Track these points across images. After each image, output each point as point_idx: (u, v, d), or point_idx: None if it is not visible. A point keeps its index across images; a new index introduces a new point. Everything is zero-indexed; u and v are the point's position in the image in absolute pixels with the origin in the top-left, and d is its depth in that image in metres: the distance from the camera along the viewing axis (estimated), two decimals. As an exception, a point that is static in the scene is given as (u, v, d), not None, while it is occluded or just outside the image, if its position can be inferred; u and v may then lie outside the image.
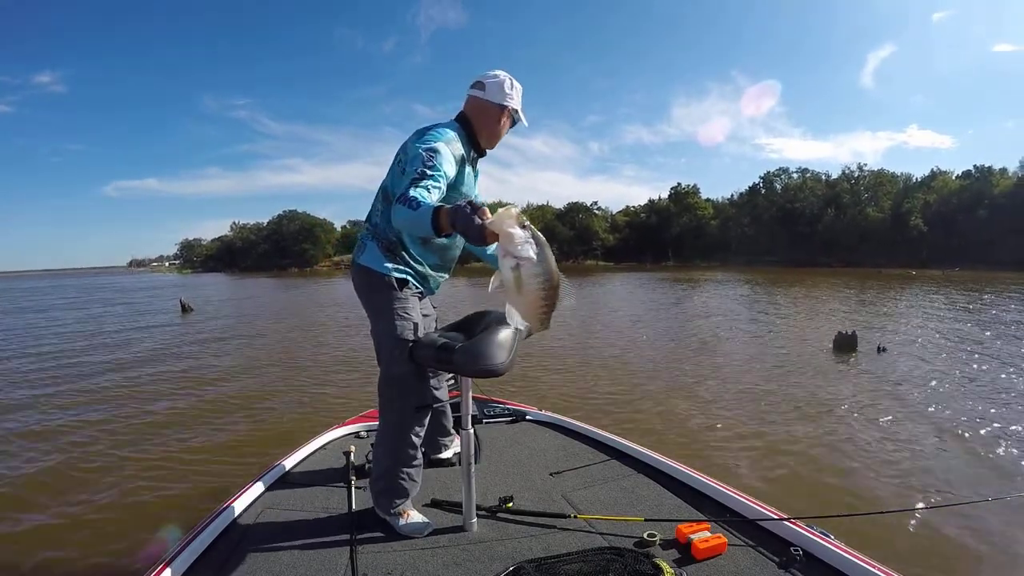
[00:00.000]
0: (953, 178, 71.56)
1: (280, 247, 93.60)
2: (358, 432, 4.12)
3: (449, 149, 2.54)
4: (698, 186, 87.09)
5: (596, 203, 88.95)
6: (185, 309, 24.26)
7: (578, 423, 4.09)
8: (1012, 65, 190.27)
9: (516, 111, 2.83)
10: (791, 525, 2.44)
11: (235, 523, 2.76)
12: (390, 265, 2.73)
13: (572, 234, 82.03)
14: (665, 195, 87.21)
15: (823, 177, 79.29)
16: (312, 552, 2.49)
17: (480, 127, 2.79)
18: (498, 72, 2.79)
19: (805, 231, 70.05)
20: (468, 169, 2.77)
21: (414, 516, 2.70)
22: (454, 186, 2.62)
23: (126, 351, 13.93)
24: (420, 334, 2.72)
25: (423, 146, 2.48)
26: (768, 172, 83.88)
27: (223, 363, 11.91)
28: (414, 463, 2.77)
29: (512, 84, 2.79)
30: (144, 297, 36.46)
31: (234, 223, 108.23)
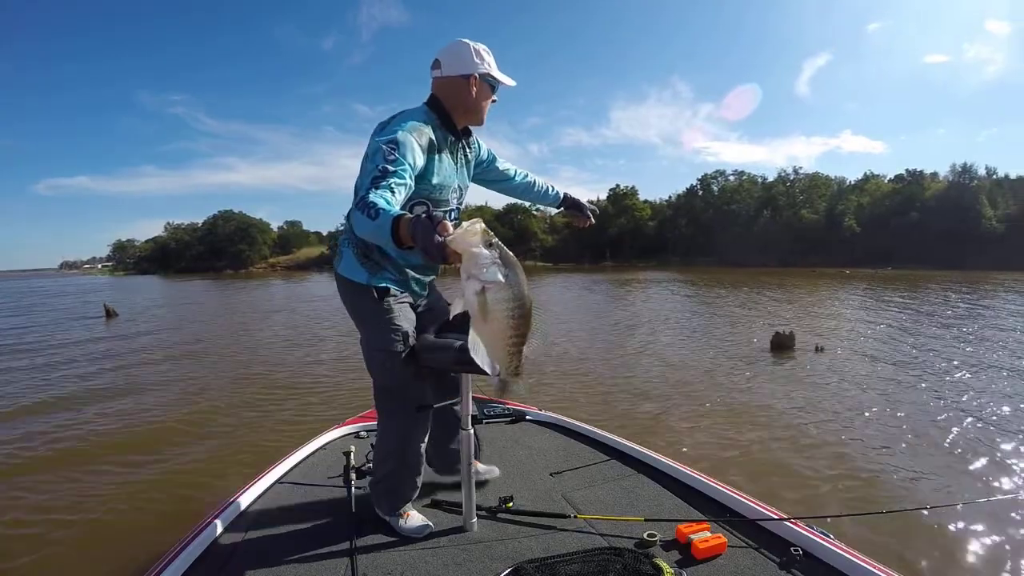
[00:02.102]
0: (886, 182, 75.16)
1: (215, 248, 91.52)
2: (358, 432, 4.11)
3: (413, 137, 2.31)
4: (636, 188, 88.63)
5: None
6: (110, 314, 22.97)
7: (578, 423, 4.09)
8: (943, 75, 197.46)
9: (487, 74, 2.53)
10: (791, 525, 2.45)
11: (235, 523, 2.75)
12: (367, 273, 2.57)
13: (511, 235, 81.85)
14: (604, 196, 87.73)
15: (759, 180, 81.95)
16: (312, 552, 2.48)
17: (451, 106, 2.55)
18: (453, 41, 2.53)
19: (741, 232, 71.25)
20: (444, 156, 2.54)
21: (414, 517, 2.68)
22: (424, 176, 2.42)
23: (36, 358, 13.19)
24: (411, 341, 2.59)
25: (383, 139, 2.26)
26: (705, 174, 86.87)
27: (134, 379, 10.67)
28: (416, 466, 2.74)
29: (472, 48, 2.50)
30: (72, 303, 33.29)
31: (168, 223, 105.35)
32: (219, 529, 2.64)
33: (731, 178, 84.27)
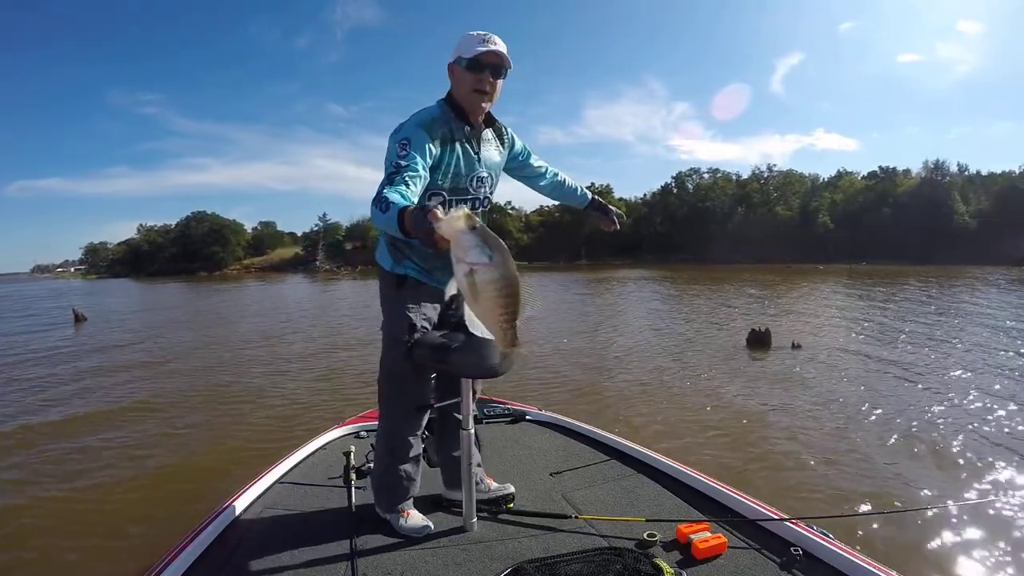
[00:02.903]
0: (859, 179, 76.57)
1: (189, 250, 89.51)
2: (358, 432, 4.12)
3: (425, 132, 2.40)
4: (611, 186, 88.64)
5: (510, 203, 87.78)
6: (78, 319, 22.42)
7: (578, 423, 4.09)
8: (915, 74, 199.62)
9: (460, 58, 2.51)
10: (791, 525, 2.45)
11: (235, 523, 2.76)
12: (392, 260, 2.68)
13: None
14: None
15: (734, 177, 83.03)
16: (312, 552, 2.48)
17: (461, 98, 2.58)
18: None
19: (716, 229, 71.89)
20: (458, 147, 2.56)
21: (414, 516, 2.68)
22: (438, 167, 2.49)
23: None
24: (418, 335, 2.64)
25: (396, 139, 2.38)
26: (680, 172, 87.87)
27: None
28: (413, 463, 2.75)
29: (469, 35, 2.52)
30: (45, 307, 31.89)
31: (141, 225, 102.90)
32: (219, 529, 2.64)
33: (706, 176, 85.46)
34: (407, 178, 2.20)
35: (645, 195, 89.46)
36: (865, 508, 4.81)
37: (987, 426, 6.76)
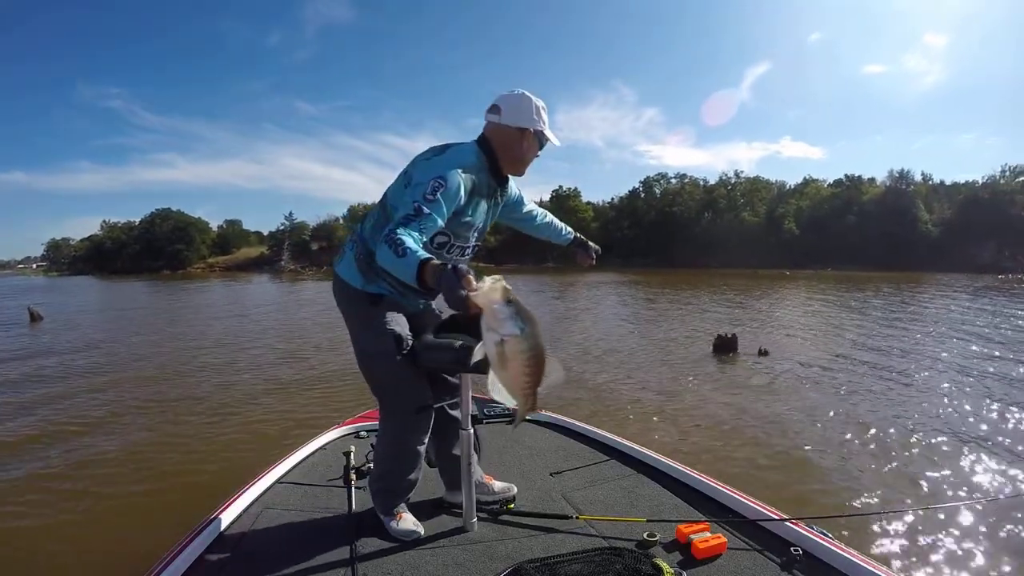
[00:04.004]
0: (825, 186, 77.32)
1: (153, 248, 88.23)
2: (358, 432, 4.10)
3: (461, 178, 2.36)
4: (579, 189, 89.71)
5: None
6: (34, 318, 21.33)
7: (578, 423, 4.09)
8: (881, 85, 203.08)
9: (541, 132, 2.57)
10: (791, 525, 2.45)
11: (235, 523, 2.75)
12: (362, 279, 2.61)
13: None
14: (547, 197, 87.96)
15: (701, 183, 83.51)
16: (312, 552, 2.48)
17: (501, 154, 2.58)
18: (516, 92, 2.57)
19: (683, 234, 72.49)
20: (482, 201, 2.58)
21: (406, 520, 2.65)
22: (457, 216, 2.46)
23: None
24: (406, 343, 2.57)
25: (433, 172, 2.33)
26: (648, 177, 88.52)
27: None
28: (412, 466, 2.73)
29: (532, 103, 2.54)
30: (3, 304, 30.48)
31: (104, 222, 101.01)
32: (219, 530, 2.63)
33: (673, 181, 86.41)
34: (423, 227, 2.20)
35: (613, 199, 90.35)
36: (864, 508, 4.82)
37: (982, 425, 6.84)
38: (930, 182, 72.98)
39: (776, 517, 2.55)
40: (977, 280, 39.20)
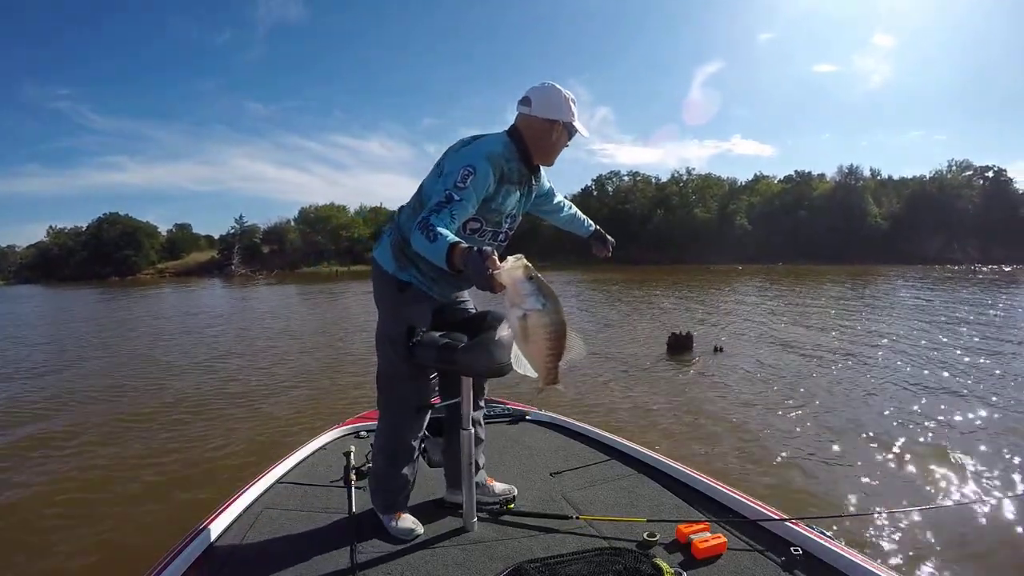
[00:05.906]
0: (776, 182, 78.16)
1: (100, 254, 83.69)
2: (358, 432, 4.11)
3: (490, 166, 2.45)
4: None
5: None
6: None
7: (578, 423, 4.10)
8: (830, 83, 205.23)
9: (571, 124, 2.63)
10: (791, 525, 2.47)
11: (235, 523, 2.76)
12: (395, 264, 2.69)
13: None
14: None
15: (653, 180, 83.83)
16: (312, 552, 2.49)
17: (531, 144, 2.64)
18: (546, 84, 2.63)
19: (636, 231, 72.68)
20: (513, 188, 2.63)
21: (404, 520, 2.68)
22: (488, 202, 2.54)
23: None
24: (417, 335, 2.64)
25: (463, 162, 2.42)
26: (600, 175, 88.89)
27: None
28: (411, 464, 2.76)
29: (562, 95, 2.61)
30: None
31: (51, 227, 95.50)
32: (219, 530, 2.64)
33: (625, 179, 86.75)
34: (454, 212, 2.31)
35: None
36: (864, 508, 4.84)
37: (978, 422, 6.90)
38: (879, 177, 74.53)
39: (776, 517, 2.56)
40: (925, 272, 39.79)
